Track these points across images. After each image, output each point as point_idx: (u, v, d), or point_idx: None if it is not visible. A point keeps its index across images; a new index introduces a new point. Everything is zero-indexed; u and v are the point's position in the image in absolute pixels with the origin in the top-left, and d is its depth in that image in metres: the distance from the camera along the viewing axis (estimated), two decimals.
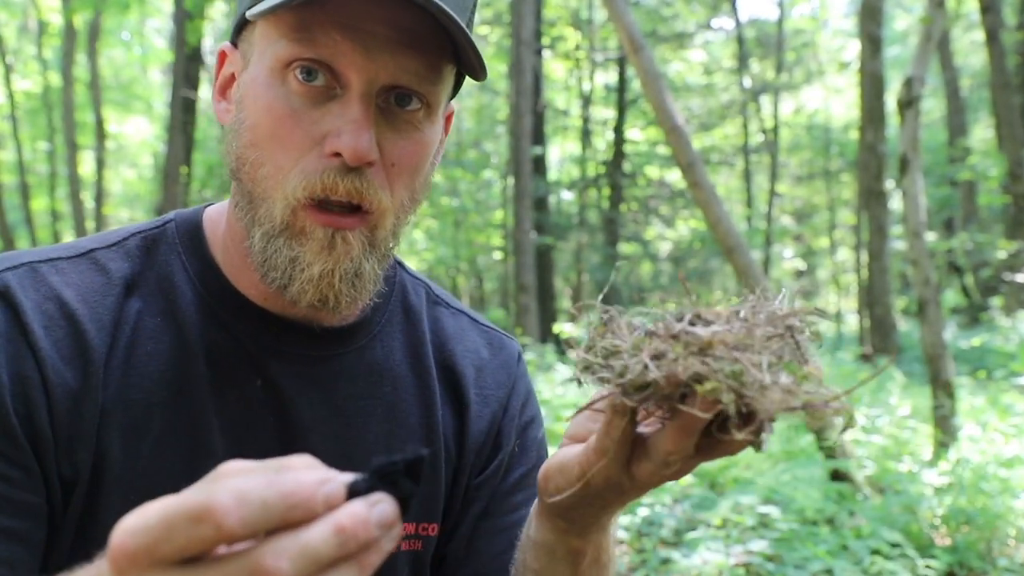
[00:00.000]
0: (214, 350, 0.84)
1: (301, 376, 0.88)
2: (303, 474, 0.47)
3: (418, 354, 0.98)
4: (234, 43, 0.87)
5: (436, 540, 0.96)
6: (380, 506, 0.48)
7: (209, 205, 0.95)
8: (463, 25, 0.77)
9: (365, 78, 0.78)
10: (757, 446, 0.58)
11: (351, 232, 0.80)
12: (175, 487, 0.74)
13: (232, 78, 0.87)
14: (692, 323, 0.58)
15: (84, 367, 0.79)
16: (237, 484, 0.45)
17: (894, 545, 3.93)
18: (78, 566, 0.60)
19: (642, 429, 0.66)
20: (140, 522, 0.46)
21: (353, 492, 0.49)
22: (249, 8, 0.80)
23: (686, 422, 0.58)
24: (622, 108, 18.37)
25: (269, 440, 0.85)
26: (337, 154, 0.78)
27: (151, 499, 0.75)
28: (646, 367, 0.56)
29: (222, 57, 0.88)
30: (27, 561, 0.74)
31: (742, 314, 0.59)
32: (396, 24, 0.77)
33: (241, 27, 0.85)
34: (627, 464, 0.65)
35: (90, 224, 14.50)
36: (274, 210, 0.79)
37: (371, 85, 0.78)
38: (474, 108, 20.00)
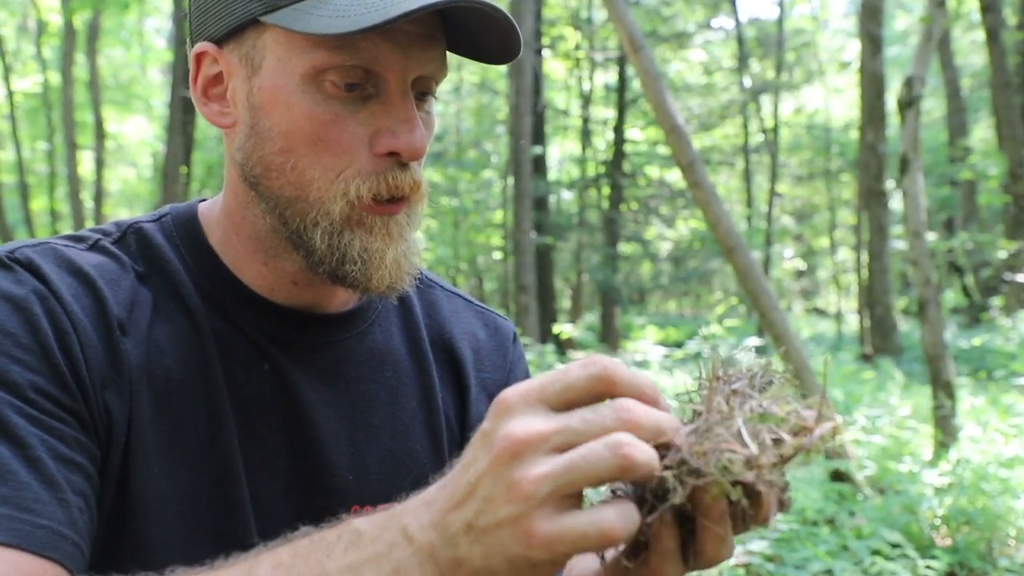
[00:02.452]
0: (219, 334, 0.87)
1: (304, 362, 0.90)
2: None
3: (415, 338, 1.00)
4: (217, 43, 0.85)
5: None
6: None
7: (202, 200, 0.97)
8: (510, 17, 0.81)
9: (403, 76, 0.81)
10: (785, 505, 0.60)
11: (398, 216, 0.85)
12: (198, 463, 0.83)
13: (218, 79, 0.86)
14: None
15: (109, 336, 0.80)
16: (607, 358, 0.59)
17: (894, 545, 3.93)
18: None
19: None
20: (532, 379, 0.59)
21: None
22: (266, 12, 0.79)
23: (714, 523, 0.59)
24: (622, 108, 18.37)
25: (279, 421, 0.88)
26: (391, 153, 0.82)
27: (176, 474, 0.83)
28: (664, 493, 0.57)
29: (200, 57, 0.86)
30: (93, 499, 0.75)
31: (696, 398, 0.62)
32: (418, 18, 0.81)
33: (236, 29, 0.83)
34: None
35: (90, 223, 14.52)
36: (332, 208, 0.82)
37: (406, 81, 0.82)
38: (474, 108, 20.03)
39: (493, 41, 0.85)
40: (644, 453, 0.54)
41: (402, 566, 0.59)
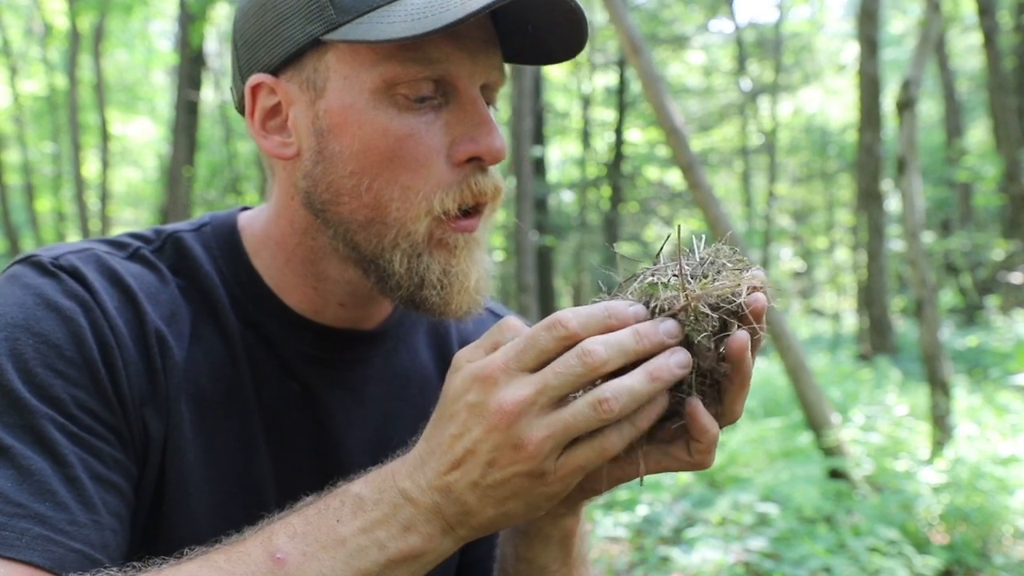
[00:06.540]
0: (252, 353, 0.86)
1: (333, 381, 0.90)
2: (614, 301, 0.67)
3: (443, 354, 1.00)
4: (273, 72, 0.82)
5: None
6: (667, 323, 0.66)
7: (244, 209, 0.95)
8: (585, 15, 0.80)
9: (472, 82, 0.80)
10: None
11: (476, 232, 0.83)
12: (230, 484, 0.84)
13: (276, 110, 0.83)
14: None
15: (148, 352, 0.79)
16: (569, 308, 0.66)
17: (891, 543, 3.95)
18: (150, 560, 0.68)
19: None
20: (505, 348, 0.66)
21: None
22: (328, 31, 0.77)
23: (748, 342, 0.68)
24: (622, 110, 18.40)
25: (306, 442, 0.88)
26: (471, 159, 0.80)
27: (209, 495, 0.81)
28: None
29: (256, 90, 0.83)
30: (128, 519, 0.75)
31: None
32: (481, 24, 0.80)
33: (294, 55, 0.80)
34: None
35: (95, 225, 14.53)
36: (415, 228, 0.79)
37: (476, 87, 0.80)
38: None
39: (556, 39, 0.82)
40: (618, 401, 0.63)
41: (410, 523, 0.67)
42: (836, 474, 4.98)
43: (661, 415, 0.68)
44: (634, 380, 0.64)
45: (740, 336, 0.66)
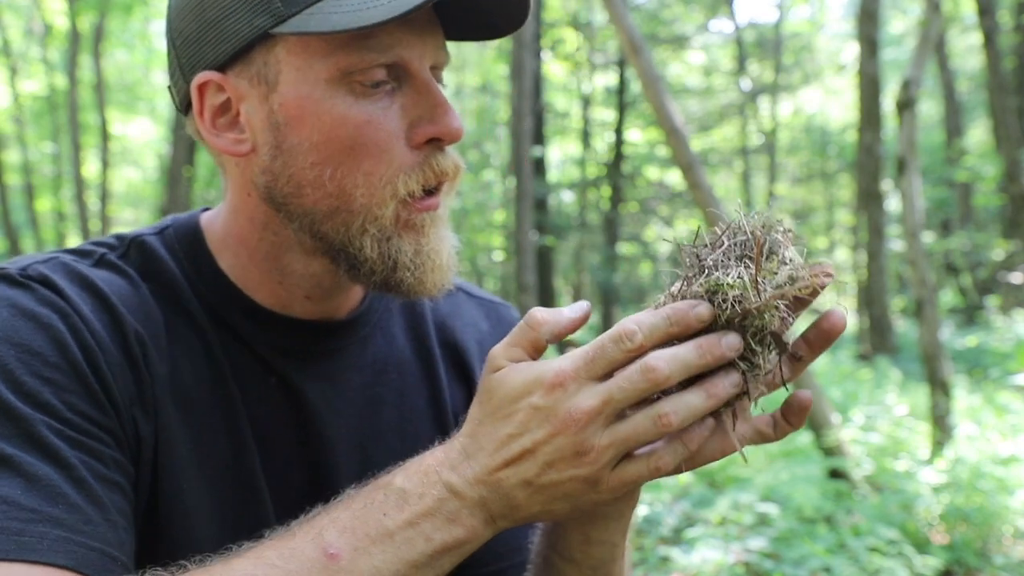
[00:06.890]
0: (228, 351, 0.86)
1: (310, 372, 0.89)
2: (678, 302, 0.69)
3: (419, 336, 1.00)
4: (219, 69, 0.81)
5: None
6: (729, 338, 0.67)
7: (205, 210, 0.94)
8: None
9: (423, 64, 0.81)
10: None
11: (439, 210, 0.84)
12: (222, 480, 0.84)
13: (226, 107, 0.82)
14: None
15: (130, 353, 0.79)
16: (632, 317, 0.69)
17: (891, 543, 3.95)
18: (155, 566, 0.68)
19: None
20: (574, 355, 0.68)
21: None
22: (277, 23, 0.76)
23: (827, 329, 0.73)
24: (622, 110, 18.39)
25: (290, 434, 0.88)
26: (430, 140, 0.81)
27: (202, 491, 0.85)
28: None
29: (203, 88, 0.81)
30: (131, 518, 0.75)
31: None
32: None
33: (241, 50, 0.79)
34: None
35: (95, 225, 14.53)
36: (382, 213, 0.80)
37: (427, 69, 0.81)
38: (475, 110, 20.06)
39: (497, 13, 0.84)
40: (677, 415, 0.66)
41: (455, 515, 0.70)
42: (836, 474, 4.98)
43: (736, 395, 0.71)
44: (694, 397, 0.67)
45: (838, 315, 0.70)
